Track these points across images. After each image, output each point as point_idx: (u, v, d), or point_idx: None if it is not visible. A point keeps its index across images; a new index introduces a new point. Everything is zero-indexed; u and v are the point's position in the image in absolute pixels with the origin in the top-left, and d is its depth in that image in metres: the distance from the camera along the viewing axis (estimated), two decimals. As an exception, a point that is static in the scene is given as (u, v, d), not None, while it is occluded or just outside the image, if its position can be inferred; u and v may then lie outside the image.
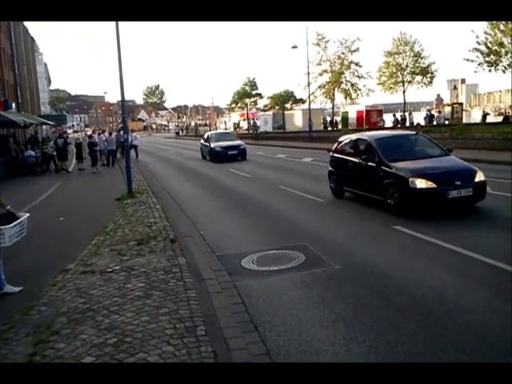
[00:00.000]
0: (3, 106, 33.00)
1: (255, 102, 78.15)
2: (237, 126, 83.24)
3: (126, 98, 15.70)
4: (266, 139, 46.20)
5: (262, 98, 75.71)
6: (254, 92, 74.61)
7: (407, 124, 42.63)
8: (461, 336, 4.39)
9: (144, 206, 11.78)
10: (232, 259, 7.21)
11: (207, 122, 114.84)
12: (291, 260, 6.96)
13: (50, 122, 38.58)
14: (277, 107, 69.65)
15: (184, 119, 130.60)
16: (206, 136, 27.82)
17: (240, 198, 13.35)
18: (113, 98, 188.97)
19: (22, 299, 5.74)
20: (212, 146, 24.71)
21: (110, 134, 27.32)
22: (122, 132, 19.76)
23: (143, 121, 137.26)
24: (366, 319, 4.89)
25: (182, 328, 4.60)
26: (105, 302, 5.42)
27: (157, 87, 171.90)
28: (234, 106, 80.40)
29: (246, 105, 76.49)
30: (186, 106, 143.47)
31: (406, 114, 49.04)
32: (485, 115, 47.89)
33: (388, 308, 5.14)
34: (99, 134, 28.82)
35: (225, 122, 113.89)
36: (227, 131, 30.96)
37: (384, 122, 49.61)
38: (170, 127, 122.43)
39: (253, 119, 67.63)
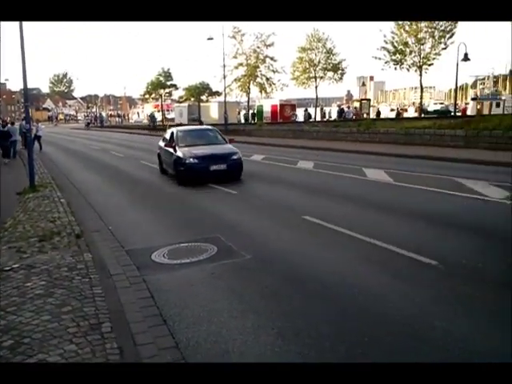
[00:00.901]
0: None
1: (170, 94, 76.66)
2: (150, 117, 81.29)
3: (31, 86, 14.71)
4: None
5: (177, 89, 74.37)
6: (168, 83, 73.15)
7: (318, 118, 44.19)
8: (364, 318, 4.63)
9: (47, 200, 11.12)
10: (142, 253, 7.04)
11: (119, 113, 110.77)
12: (203, 252, 6.94)
13: None
14: (192, 99, 68.86)
15: (94, 109, 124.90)
16: (168, 134, 15.80)
17: (150, 189, 13.10)
18: (15, 85, 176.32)
19: None
20: (179, 153, 13.70)
21: (13, 123, 25.54)
22: (24, 122, 18.47)
23: (49, 110, 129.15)
24: (275, 307, 5.00)
25: (86, 326, 4.41)
26: (1, 302, 5.05)
27: (65, 75, 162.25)
28: (147, 96, 78.29)
29: (161, 96, 74.83)
30: (96, 96, 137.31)
31: (318, 108, 50.72)
32: (378, 112, 51.06)
33: (297, 295, 5.29)
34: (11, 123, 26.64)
35: (138, 114, 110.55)
36: (208, 127, 18.40)
37: (297, 116, 50.99)
38: (79, 117, 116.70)
39: (151, 113, 67.00)
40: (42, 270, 6.01)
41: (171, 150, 14.28)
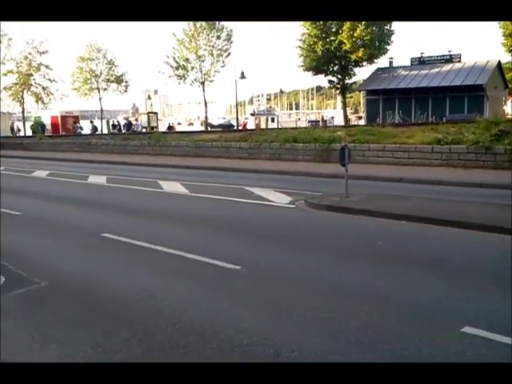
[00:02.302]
0: None
1: None
2: None
3: None
4: None
5: None
6: None
7: (105, 131, 42.80)
8: (175, 331, 4.62)
9: None
10: None
11: None
12: (-15, 284, 6.02)
13: None
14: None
15: None
16: None
17: None
18: None
19: None
20: None
21: None
22: None
23: None
24: (80, 333, 4.64)
25: None
26: None
27: None
28: None
29: None
30: None
31: (104, 120, 49.12)
32: (170, 126, 52.53)
33: (102, 318, 5.00)
34: None
35: None
36: None
37: (82, 128, 48.51)
38: None
39: None
40: None
41: None
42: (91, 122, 51.67)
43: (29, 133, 46.67)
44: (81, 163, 22.40)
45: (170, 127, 51.26)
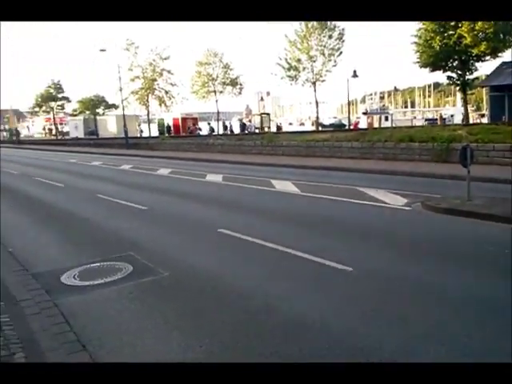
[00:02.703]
0: None
1: (62, 106, 72.97)
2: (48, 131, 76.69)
3: None
4: (79, 146, 43.66)
5: (69, 101, 71.07)
6: (60, 95, 69.58)
7: (221, 131, 44.62)
8: (290, 328, 4.68)
9: None
10: (50, 276, 6.53)
11: (5, 127, 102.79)
12: (117, 271, 6.60)
13: None
14: (87, 112, 66.07)
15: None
16: None
17: (52, 208, 12.24)
18: None
19: None
20: None
21: None
22: None
23: None
24: (201, 323, 4.89)
25: (-5, 359, 3.97)
26: None
27: None
28: (37, 109, 73.79)
29: (52, 109, 70.88)
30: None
31: (220, 122, 51.29)
32: (278, 126, 53.17)
33: (220, 309, 5.23)
34: None
35: (28, 128, 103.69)
36: None
37: (201, 129, 51.10)
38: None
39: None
40: None
41: None
42: (208, 123, 54.21)
43: (153, 134, 50.27)
44: (199, 162, 23.61)
45: (278, 127, 52.09)
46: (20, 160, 30.58)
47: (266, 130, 46.28)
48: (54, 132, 74.85)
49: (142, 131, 56.96)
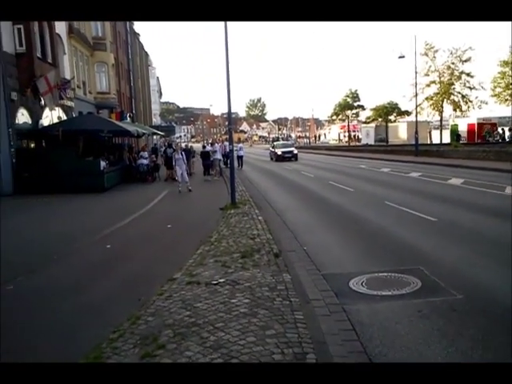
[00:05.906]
0: (119, 116, 35.51)
1: (357, 114, 76.66)
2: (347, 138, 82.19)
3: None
4: (368, 152, 45.25)
5: (364, 109, 74.03)
6: (355, 104, 73.22)
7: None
8: None
9: (247, 217, 11.73)
10: (339, 279, 6.79)
11: (306, 134, 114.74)
12: (405, 285, 6.38)
13: (160, 133, 40.29)
14: (379, 119, 67.54)
15: (284, 131, 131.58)
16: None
17: (341, 212, 12.83)
18: (217, 110, 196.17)
19: (130, 306, 5.80)
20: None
21: (212, 144, 27.97)
22: (226, 143, 20.06)
23: (245, 132, 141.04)
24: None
25: (290, 354, 4.27)
26: (210, 316, 5.27)
27: (259, 100, 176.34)
28: (334, 118, 79.47)
29: (348, 117, 75.19)
30: (286, 119, 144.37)
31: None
32: None
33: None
34: (211, 144, 29.01)
35: (324, 135, 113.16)
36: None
37: (499, 135, 46.08)
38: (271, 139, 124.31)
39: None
40: (245, 288, 6.18)
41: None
42: (502, 129, 48.44)
43: (444, 140, 47.90)
44: (496, 172, 21.18)
45: None
46: (316, 164, 33.44)
47: None
48: (350, 138, 79.33)
49: (431, 138, 54.89)
